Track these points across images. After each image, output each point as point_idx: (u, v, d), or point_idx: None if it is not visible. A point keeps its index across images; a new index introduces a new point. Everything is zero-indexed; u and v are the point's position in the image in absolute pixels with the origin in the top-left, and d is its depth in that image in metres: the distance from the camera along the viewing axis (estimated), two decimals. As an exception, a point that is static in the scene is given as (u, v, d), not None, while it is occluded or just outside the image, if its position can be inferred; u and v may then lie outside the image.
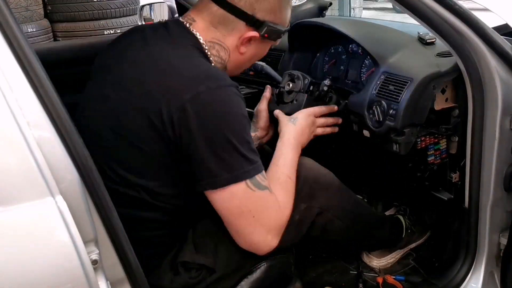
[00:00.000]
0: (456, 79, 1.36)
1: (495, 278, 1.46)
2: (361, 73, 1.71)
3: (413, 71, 1.39)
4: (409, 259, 1.76)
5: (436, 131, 1.46)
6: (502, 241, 1.41)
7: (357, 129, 1.60)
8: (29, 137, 0.81)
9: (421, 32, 1.53)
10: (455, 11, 1.18)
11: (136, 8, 5.16)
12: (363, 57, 1.70)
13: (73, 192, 0.86)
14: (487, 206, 1.37)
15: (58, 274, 0.83)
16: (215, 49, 1.20)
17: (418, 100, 1.36)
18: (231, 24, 1.17)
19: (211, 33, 1.18)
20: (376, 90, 1.47)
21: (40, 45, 3.41)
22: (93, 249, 0.89)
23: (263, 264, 1.23)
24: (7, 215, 0.80)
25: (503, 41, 1.25)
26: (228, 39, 1.19)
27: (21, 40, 0.84)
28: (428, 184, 1.59)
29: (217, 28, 1.18)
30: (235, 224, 1.13)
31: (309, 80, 1.59)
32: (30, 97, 0.83)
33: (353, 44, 1.75)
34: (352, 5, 8.10)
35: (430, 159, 1.49)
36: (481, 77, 1.26)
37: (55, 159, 0.84)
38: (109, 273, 0.93)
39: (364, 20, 2.20)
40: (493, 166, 1.32)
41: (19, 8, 4.61)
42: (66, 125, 0.86)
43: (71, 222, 0.82)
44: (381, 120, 1.42)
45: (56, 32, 4.97)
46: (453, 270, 1.48)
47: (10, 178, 0.80)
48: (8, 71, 0.83)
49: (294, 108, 1.58)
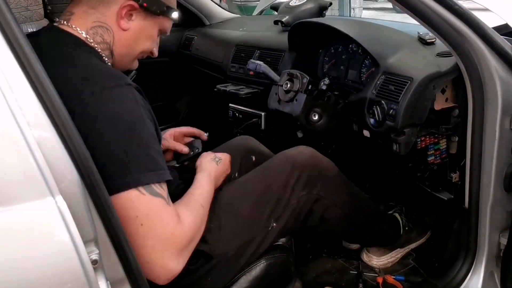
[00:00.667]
0: (456, 79, 1.37)
1: (495, 278, 1.46)
2: (361, 73, 1.71)
3: (413, 71, 1.39)
4: (409, 259, 1.77)
5: (436, 131, 1.46)
6: (502, 241, 1.41)
7: (357, 129, 1.60)
8: (29, 137, 0.81)
9: (421, 32, 1.53)
10: (455, 11, 1.18)
11: (136, 8, 5.16)
12: (363, 57, 1.70)
13: (73, 192, 0.86)
14: (487, 206, 1.37)
15: (58, 274, 0.83)
16: (98, 34, 1.13)
17: (418, 100, 1.36)
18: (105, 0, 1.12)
19: (91, 16, 1.13)
20: (376, 90, 1.47)
21: (40, 45, 3.40)
22: (93, 249, 0.89)
23: (262, 262, 1.25)
24: (7, 215, 0.80)
25: (503, 41, 1.25)
26: (108, 17, 1.13)
27: (21, 40, 0.84)
28: (428, 184, 1.59)
29: (94, 8, 1.12)
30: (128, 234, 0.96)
31: (308, 79, 1.59)
32: (30, 97, 0.83)
33: (353, 44, 1.75)
34: (352, 5, 8.10)
35: (430, 159, 1.49)
36: (481, 77, 1.26)
37: (55, 159, 0.84)
38: (109, 273, 0.93)
39: (364, 20, 2.20)
40: (493, 166, 1.32)
41: (19, 8, 4.59)
42: (66, 125, 0.86)
43: (71, 222, 0.82)
44: (381, 120, 1.43)
45: (56, 32, 4.97)
46: (453, 270, 1.48)
47: (10, 178, 0.80)
48: (8, 71, 0.83)
49: (294, 107, 1.59)
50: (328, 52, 1.89)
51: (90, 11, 1.13)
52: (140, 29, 1.18)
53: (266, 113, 2.05)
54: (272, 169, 1.38)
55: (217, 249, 1.19)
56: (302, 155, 1.39)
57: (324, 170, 1.42)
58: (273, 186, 1.32)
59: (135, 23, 1.17)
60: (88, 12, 1.13)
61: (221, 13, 2.77)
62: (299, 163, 1.36)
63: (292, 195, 1.33)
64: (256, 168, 1.41)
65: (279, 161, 1.40)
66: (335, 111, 1.61)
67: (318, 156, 1.44)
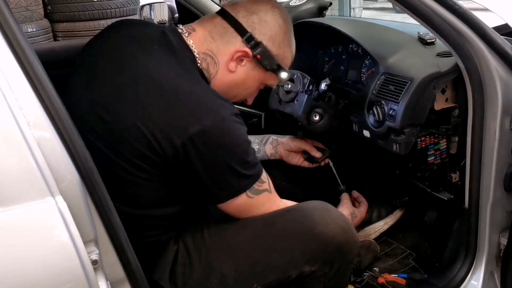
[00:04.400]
0: (456, 79, 1.36)
1: (495, 278, 1.46)
2: (361, 73, 1.71)
3: (413, 71, 1.39)
4: (409, 259, 1.77)
5: (436, 131, 1.46)
6: (502, 241, 1.41)
7: (357, 129, 1.60)
8: (29, 137, 0.81)
9: (421, 32, 1.53)
10: (455, 11, 1.18)
11: (136, 8, 5.17)
12: (363, 57, 1.70)
13: (73, 192, 0.86)
14: (487, 206, 1.37)
15: (58, 274, 0.83)
16: (206, 61, 1.19)
17: (418, 100, 1.36)
18: (228, 36, 1.18)
19: (207, 43, 1.19)
20: (376, 90, 1.47)
21: (40, 45, 3.41)
22: (93, 249, 0.89)
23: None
24: (7, 215, 0.80)
25: (503, 41, 1.25)
26: (221, 52, 1.19)
27: (21, 40, 0.84)
28: (428, 184, 1.59)
29: (214, 39, 1.19)
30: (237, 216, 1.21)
31: (309, 80, 1.59)
32: (30, 97, 0.84)
33: (353, 44, 1.74)
34: (352, 5, 8.10)
35: (430, 159, 1.49)
36: (481, 77, 1.26)
37: (55, 159, 0.84)
38: (109, 273, 0.93)
39: (364, 20, 2.20)
40: (493, 166, 1.32)
41: (19, 8, 4.61)
42: (66, 125, 0.86)
43: (71, 222, 0.82)
44: (381, 120, 1.42)
45: (56, 32, 4.97)
46: (453, 270, 1.48)
47: (10, 178, 0.80)
48: (8, 71, 0.83)
49: (295, 108, 1.59)
50: (328, 52, 1.89)
51: (209, 38, 1.19)
52: (245, 76, 1.23)
53: (266, 113, 2.05)
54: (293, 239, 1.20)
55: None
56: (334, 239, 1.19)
57: (348, 252, 1.24)
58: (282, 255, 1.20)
59: (243, 69, 1.21)
60: (207, 39, 1.19)
61: (221, 13, 2.76)
62: (330, 247, 1.19)
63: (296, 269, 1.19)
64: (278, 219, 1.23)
65: (305, 234, 1.20)
66: (336, 111, 1.61)
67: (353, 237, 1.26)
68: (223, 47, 1.19)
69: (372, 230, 1.80)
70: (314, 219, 1.21)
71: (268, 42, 1.20)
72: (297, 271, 1.20)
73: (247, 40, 1.18)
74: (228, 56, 1.19)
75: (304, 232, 1.19)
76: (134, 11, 5.17)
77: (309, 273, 1.21)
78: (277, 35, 1.21)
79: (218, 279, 1.17)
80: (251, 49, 1.18)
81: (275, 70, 1.24)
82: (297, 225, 1.21)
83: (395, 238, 1.86)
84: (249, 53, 1.18)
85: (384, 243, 1.85)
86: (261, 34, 1.19)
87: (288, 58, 1.28)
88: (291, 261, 1.19)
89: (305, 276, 1.22)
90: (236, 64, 1.20)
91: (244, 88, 1.26)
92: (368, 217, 1.85)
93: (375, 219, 1.85)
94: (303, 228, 1.20)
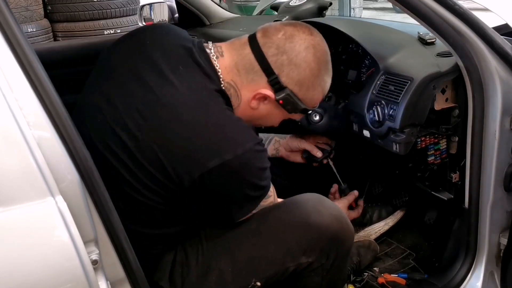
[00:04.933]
0: (456, 79, 1.36)
1: (495, 278, 1.46)
2: (361, 73, 1.70)
3: (413, 71, 1.39)
4: (409, 259, 1.77)
5: (436, 131, 1.46)
6: (502, 241, 1.41)
7: (357, 129, 1.60)
8: (29, 137, 0.81)
9: (421, 32, 1.53)
10: (455, 11, 1.18)
11: (136, 8, 5.16)
12: (363, 57, 1.70)
13: (73, 192, 0.86)
14: (487, 206, 1.37)
15: (58, 274, 0.83)
16: (229, 91, 1.14)
17: (418, 100, 1.36)
18: (253, 73, 1.12)
19: (232, 74, 1.13)
20: (376, 90, 1.47)
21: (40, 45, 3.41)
22: (93, 249, 0.89)
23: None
24: (7, 215, 0.80)
25: (503, 41, 1.25)
26: (245, 88, 1.14)
27: (21, 40, 0.84)
28: (428, 184, 1.59)
29: (239, 72, 1.13)
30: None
31: (309, 80, 1.58)
32: (30, 97, 0.83)
33: (353, 44, 1.74)
34: (352, 5, 8.09)
35: (430, 159, 1.49)
36: (481, 77, 1.26)
37: (55, 159, 0.84)
38: (109, 273, 0.93)
39: (364, 20, 2.19)
40: (493, 166, 1.32)
41: (19, 8, 4.61)
42: (66, 125, 0.86)
43: (71, 222, 0.82)
44: (381, 120, 1.42)
45: (56, 32, 4.97)
46: (453, 270, 1.48)
47: (10, 178, 0.80)
48: (8, 71, 0.83)
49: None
50: (328, 52, 1.89)
51: (235, 70, 1.13)
52: (267, 113, 1.19)
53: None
54: (288, 230, 1.21)
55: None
56: (329, 228, 1.21)
57: (343, 242, 1.25)
58: (278, 247, 1.21)
59: (265, 107, 1.17)
60: (233, 69, 1.13)
61: (221, 13, 2.76)
62: (325, 236, 1.20)
63: (293, 260, 1.21)
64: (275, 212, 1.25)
65: (300, 225, 1.21)
66: (336, 111, 1.61)
67: (347, 226, 1.27)
68: (247, 84, 1.13)
69: (373, 230, 1.80)
70: (308, 209, 1.22)
71: (294, 86, 1.14)
72: (294, 263, 1.20)
73: (271, 82, 1.12)
74: (251, 94, 1.14)
75: (299, 222, 1.20)
76: (134, 11, 5.17)
77: (307, 265, 1.22)
78: (306, 79, 1.14)
79: (216, 276, 1.17)
80: (275, 92, 1.13)
81: (298, 111, 1.20)
82: (291, 217, 1.22)
83: (395, 238, 1.86)
84: (271, 96, 1.13)
85: (384, 243, 1.84)
86: (289, 78, 1.12)
87: (317, 99, 1.21)
88: (288, 252, 1.20)
89: (302, 270, 1.22)
90: (259, 102, 1.16)
91: (266, 121, 1.25)
92: (368, 218, 1.85)
93: (375, 219, 1.86)
94: (297, 219, 1.21)
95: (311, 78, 1.14)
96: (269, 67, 1.11)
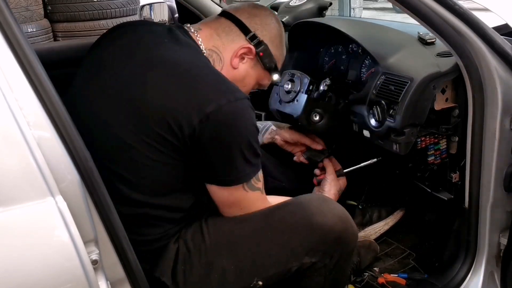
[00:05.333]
0: (456, 79, 1.36)
1: (495, 278, 1.46)
2: (361, 73, 1.71)
3: (413, 71, 1.39)
4: (409, 259, 1.77)
5: (436, 131, 1.46)
6: (502, 241, 1.41)
7: (357, 129, 1.60)
8: (29, 137, 0.81)
9: (421, 32, 1.53)
10: (455, 11, 1.18)
11: (136, 8, 5.17)
12: (363, 57, 1.70)
13: (73, 192, 0.86)
14: (487, 206, 1.37)
15: (58, 274, 0.83)
16: (212, 57, 1.25)
17: (418, 100, 1.36)
18: (233, 34, 1.27)
19: (213, 40, 1.26)
20: (376, 90, 1.47)
21: (40, 45, 3.41)
22: (93, 249, 0.89)
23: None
24: (7, 215, 0.80)
25: (503, 41, 1.25)
26: (226, 49, 1.27)
27: (21, 40, 0.84)
28: (428, 184, 1.59)
29: (220, 36, 1.27)
30: (225, 210, 1.23)
31: (309, 80, 1.59)
32: (30, 97, 0.84)
33: (353, 44, 1.75)
34: (352, 5, 8.09)
35: (430, 159, 1.49)
36: (481, 77, 1.26)
37: (55, 159, 0.84)
38: (109, 273, 0.93)
39: (364, 20, 2.19)
40: (493, 166, 1.32)
41: (19, 8, 4.61)
42: (66, 125, 0.86)
43: (71, 222, 0.82)
44: (381, 120, 1.43)
45: (56, 32, 4.97)
46: (453, 270, 1.48)
47: (10, 178, 0.80)
48: (8, 71, 0.83)
49: (295, 108, 1.59)
50: (328, 52, 1.89)
51: (215, 36, 1.27)
52: (244, 74, 1.31)
53: (266, 113, 2.05)
54: (292, 231, 1.20)
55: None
56: (332, 229, 1.20)
57: (347, 243, 1.25)
58: (281, 248, 1.20)
59: (243, 67, 1.30)
60: (213, 36, 1.27)
61: (221, 13, 2.76)
62: (329, 237, 1.19)
63: (296, 261, 1.20)
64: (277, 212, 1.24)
65: (303, 225, 1.21)
66: (336, 111, 1.61)
67: (351, 227, 1.26)
68: (228, 44, 1.27)
69: (373, 230, 1.80)
70: (312, 210, 1.22)
71: (268, 42, 1.30)
72: (297, 263, 1.20)
73: (250, 39, 1.28)
74: (232, 53, 1.27)
75: (303, 223, 1.20)
76: (134, 11, 5.17)
77: (310, 265, 1.21)
78: (275, 37, 1.33)
79: (218, 275, 1.18)
80: (255, 46, 1.28)
81: (271, 69, 1.33)
82: (295, 217, 1.22)
83: (395, 238, 1.86)
84: (252, 49, 1.28)
85: (384, 243, 1.85)
86: (263, 35, 1.30)
87: (281, 60, 1.39)
88: (291, 253, 1.20)
89: (305, 269, 1.22)
90: (239, 60, 1.28)
91: (242, 85, 1.30)
92: (368, 218, 1.85)
93: (375, 219, 1.86)
94: (301, 220, 1.21)
95: (278, 37, 1.34)
96: (245, 27, 1.28)
